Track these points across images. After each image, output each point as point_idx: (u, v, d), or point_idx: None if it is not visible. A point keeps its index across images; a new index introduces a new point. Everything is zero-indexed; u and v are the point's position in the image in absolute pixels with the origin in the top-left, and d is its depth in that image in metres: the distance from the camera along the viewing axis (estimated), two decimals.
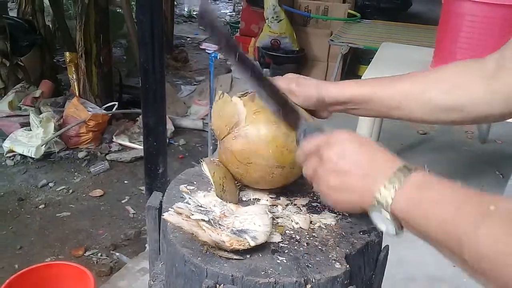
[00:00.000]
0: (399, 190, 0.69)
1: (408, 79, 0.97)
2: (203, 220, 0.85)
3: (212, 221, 0.86)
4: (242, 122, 0.94)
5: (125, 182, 3.40)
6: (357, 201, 0.75)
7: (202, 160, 0.99)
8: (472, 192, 0.64)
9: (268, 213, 0.89)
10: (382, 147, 0.78)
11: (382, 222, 0.72)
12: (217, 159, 1.03)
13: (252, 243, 0.81)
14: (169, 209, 0.89)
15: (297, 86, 0.96)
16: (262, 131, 0.92)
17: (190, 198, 0.94)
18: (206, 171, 0.95)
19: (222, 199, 0.94)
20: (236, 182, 1.01)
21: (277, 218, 0.95)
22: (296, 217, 0.96)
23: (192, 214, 0.87)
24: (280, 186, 1.00)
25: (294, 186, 1.03)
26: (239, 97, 0.97)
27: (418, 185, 0.68)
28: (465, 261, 0.61)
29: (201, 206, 0.92)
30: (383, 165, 0.73)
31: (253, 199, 1.01)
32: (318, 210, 0.99)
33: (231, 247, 0.80)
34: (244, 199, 1.01)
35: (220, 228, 0.85)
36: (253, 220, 0.85)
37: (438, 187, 0.68)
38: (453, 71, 0.95)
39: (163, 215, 0.87)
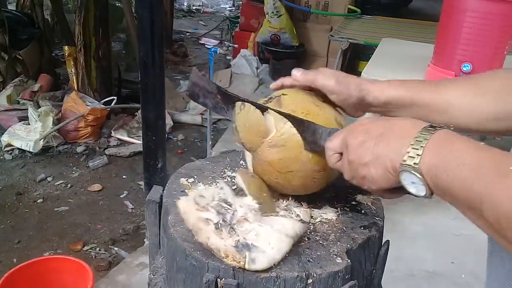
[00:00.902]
0: (425, 148, 0.68)
1: (454, 85, 0.94)
2: (211, 220, 0.82)
3: (223, 223, 0.82)
4: (272, 130, 0.89)
5: (124, 176, 3.39)
6: (389, 166, 0.73)
7: (236, 170, 0.96)
8: (494, 151, 0.64)
9: (295, 237, 0.82)
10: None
11: (412, 183, 0.71)
12: (251, 170, 0.98)
13: (247, 266, 0.76)
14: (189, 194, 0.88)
15: (337, 85, 0.93)
16: (298, 136, 0.88)
17: (221, 190, 0.90)
18: (241, 183, 0.92)
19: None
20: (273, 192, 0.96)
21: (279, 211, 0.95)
22: (297, 210, 0.95)
23: (208, 209, 0.85)
24: (320, 189, 0.96)
25: None
26: (264, 103, 0.93)
27: (441, 142, 0.68)
28: (486, 220, 0.61)
29: (226, 203, 0.87)
30: (408, 128, 0.73)
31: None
32: (319, 205, 0.99)
33: (225, 259, 0.77)
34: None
35: (229, 233, 0.81)
36: (270, 239, 0.79)
37: (461, 145, 0.67)
38: (500, 78, 0.92)
39: (178, 199, 0.86)
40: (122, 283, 2.33)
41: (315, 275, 0.80)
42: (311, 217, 0.95)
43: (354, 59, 5.16)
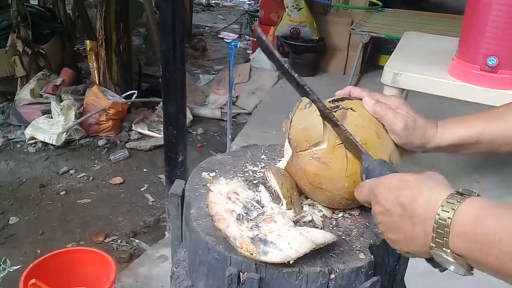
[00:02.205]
0: (452, 229, 0.65)
1: None
2: (234, 211, 0.83)
3: (246, 216, 0.83)
4: (324, 143, 0.87)
5: (144, 170, 3.42)
6: (420, 247, 0.71)
7: (267, 168, 0.94)
8: None
9: (320, 245, 0.80)
10: (435, 179, 0.73)
11: (449, 263, 0.68)
12: (283, 164, 0.98)
13: (258, 257, 0.76)
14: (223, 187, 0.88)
15: (403, 131, 0.89)
16: (343, 165, 0.86)
17: (259, 192, 0.91)
18: (273, 182, 0.91)
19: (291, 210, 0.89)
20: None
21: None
22: (319, 205, 0.95)
23: (236, 203, 0.85)
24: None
25: None
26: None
27: (471, 219, 0.64)
28: None
29: (259, 203, 0.88)
30: (428, 204, 0.69)
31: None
32: None
33: (240, 249, 0.77)
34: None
35: (251, 228, 0.81)
36: (292, 240, 0.78)
37: (497, 214, 0.63)
38: None
39: (211, 191, 0.86)
40: (143, 275, 2.36)
41: (337, 270, 0.80)
42: (334, 212, 0.95)
43: (375, 53, 5.11)
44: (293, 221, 0.85)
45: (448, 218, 0.65)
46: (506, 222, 0.60)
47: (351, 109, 0.90)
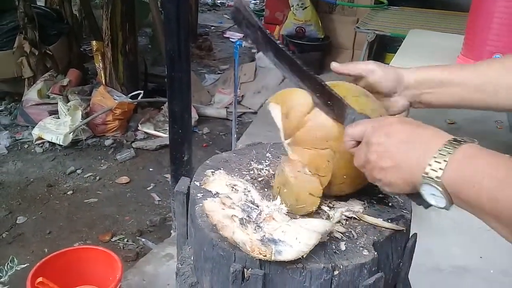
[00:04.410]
0: (449, 162, 0.68)
1: (490, 64, 0.96)
2: (236, 216, 0.84)
3: (248, 219, 0.84)
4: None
5: (150, 169, 3.44)
6: (408, 177, 0.74)
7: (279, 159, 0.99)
8: None
9: (324, 234, 0.82)
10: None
11: (432, 196, 0.71)
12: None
13: (274, 257, 0.76)
14: (217, 197, 0.90)
15: (377, 66, 0.97)
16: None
17: (248, 192, 0.93)
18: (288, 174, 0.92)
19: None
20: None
21: None
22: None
23: (233, 208, 0.86)
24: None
25: None
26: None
27: (468, 156, 0.68)
28: None
29: (253, 203, 0.89)
30: (432, 139, 0.72)
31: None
32: (345, 197, 0.98)
33: (252, 253, 0.77)
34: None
35: (255, 230, 0.82)
36: (298, 234, 0.79)
37: (487, 157, 0.67)
38: None
39: (205, 200, 0.87)
40: (150, 273, 2.37)
41: (341, 266, 0.80)
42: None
43: (380, 51, 5.09)
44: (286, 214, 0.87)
45: (448, 153, 0.68)
46: (491, 166, 0.66)
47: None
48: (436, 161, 0.69)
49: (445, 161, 0.68)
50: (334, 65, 1.00)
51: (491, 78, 0.93)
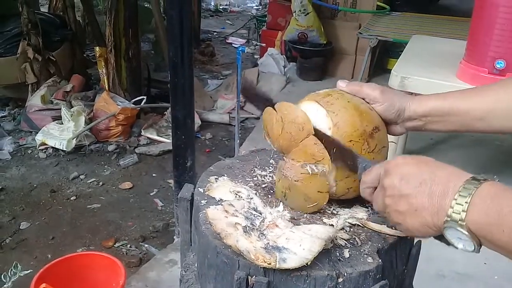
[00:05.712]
0: (471, 203, 0.66)
1: (492, 90, 0.94)
2: (239, 224, 0.84)
3: (252, 226, 0.84)
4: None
5: (153, 175, 3.44)
6: (429, 221, 0.72)
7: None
8: None
9: (328, 240, 0.82)
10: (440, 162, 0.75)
11: (458, 239, 0.69)
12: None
13: (278, 265, 0.76)
14: (221, 204, 0.90)
15: (381, 94, 0.95)
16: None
17: (251, 199, 0.93)
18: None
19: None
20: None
21: None
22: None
23: (236, 216, 0.86)
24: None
25: None
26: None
27: (491, 196, 0.66)
28: None
29: (256, 211, 0.90)
30: (450, 179, 0.70)
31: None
32: (349, 204, 0.98)
33: (256, 261, 0.77)
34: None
35: (259, 237, 0.82)
36: (302, 241, 0.79)
37: (509, 196, 0.65)
38: None
39: (207, 208, 0.88)
40: (153, 279, 2.37)
41: (345, 274, 0.80)
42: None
43: (383, 57, 5.10)
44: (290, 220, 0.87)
45: (469, 194, 0.66)
46: None
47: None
48: (457, 203, 0.67)
49: (466, 202, 0.66)
50: (340, 84, 1.00)
51: (491, 106, 0.92)
